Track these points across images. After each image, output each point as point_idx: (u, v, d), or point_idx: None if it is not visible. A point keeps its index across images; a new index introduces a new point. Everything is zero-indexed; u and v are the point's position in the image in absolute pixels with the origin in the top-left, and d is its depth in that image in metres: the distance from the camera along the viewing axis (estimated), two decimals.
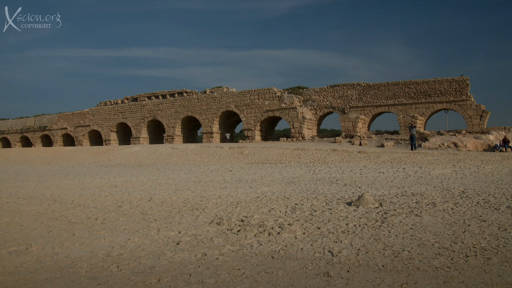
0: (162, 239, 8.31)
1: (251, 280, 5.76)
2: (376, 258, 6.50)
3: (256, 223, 9.20)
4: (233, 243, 7.77)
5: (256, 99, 45.66)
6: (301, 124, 42.21)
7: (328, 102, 43.60)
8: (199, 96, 49.73)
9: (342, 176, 18.32)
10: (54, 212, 11.68)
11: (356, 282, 5.54)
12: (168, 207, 11.80)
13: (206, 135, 48.87)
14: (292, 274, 5.95)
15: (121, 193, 14.87)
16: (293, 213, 10.21)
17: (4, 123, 72.69)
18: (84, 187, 17.17)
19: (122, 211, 11.46)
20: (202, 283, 5.73)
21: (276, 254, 6.92)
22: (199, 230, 8.87)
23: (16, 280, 6.16)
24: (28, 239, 8.70)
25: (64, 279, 6.16)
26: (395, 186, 14.63)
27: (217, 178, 19.13)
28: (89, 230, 9.35)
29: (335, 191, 13.69)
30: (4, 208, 12.58)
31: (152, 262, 6.78)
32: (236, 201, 12.23)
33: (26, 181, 20.30)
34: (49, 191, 15.98)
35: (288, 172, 20.83)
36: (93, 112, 59.82)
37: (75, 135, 61.64)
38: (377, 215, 9.64)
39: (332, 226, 8.71)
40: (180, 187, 16.12)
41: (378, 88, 41.01)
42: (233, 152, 33.54)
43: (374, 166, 22.80)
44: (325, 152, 30.31)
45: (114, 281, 5.95)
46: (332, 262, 6.38)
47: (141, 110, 54.66)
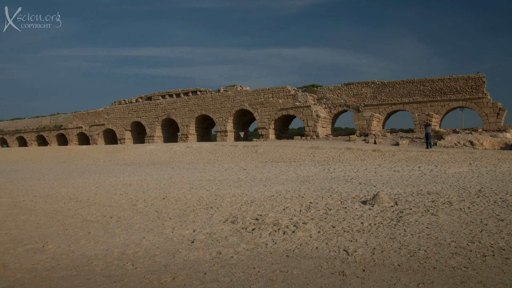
0: (176, 237, 8.32)
1: (266, 279, 5.74)
2: (392, 257, 6.45)
3: (271, 222, 9.18)
4: (247, 241, 7.77)
5: (270, 97, 45.60)
6: (315, 123, 42.07)
7: (342, 100, 43.43)
8: (213, 95, 49.79)
9: (357, 174, 18.23)
10: (70, 210, 11.77)
11: (372, 282, 5.50)
12: (183, 205, 11.82)
13: (220, 133, 48.92)
14: (307, 273, 5.92)
15: (135, 191, 14.94)
16: (307, 212, 10.17)
17: (20, 122, 73.43)
18: (99, 185, 17.27)
19: (137, 209, 11.51)
20: (217, 282, 5.73)
21: (291, 253, 6.90)
22: (214, 229, 8.88)
23: (33, 277, 6.22)
24: (44, 237, 8.78)
25: (80, 276, 6.20)
26: (411, 184, 14.52)
27: (232, 176, 19.13)
28: (104, 228, 9.40)
29: (350, 190, 13.62)
30: (21, 206, 12.70)
31: (167, 261, 6.79)
32: (251, 200, 12.22)
33: (42, 180, 20.48)
34: (64, 190, 16.10)
35: (303, 170, 20.77)
36: (108, 111, 60.19)
37: (90, 134, 62.07)
38: (392, 214, 9.57)
39: (347, 225, 8.67)
40: (194, 185, 16.15)
41: (393, 86, 40.75)
42: (247, 150, 33.55)
43: (389, 164, 22.66)
44: (339, 150, 30.19)
45: (129, 279, 5.97)
46: (348, 261, 6.34)
47: (155, 109, 54.86)
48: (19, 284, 5.96)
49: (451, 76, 38.24)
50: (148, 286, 5.70)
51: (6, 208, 12.37)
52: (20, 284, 5.96)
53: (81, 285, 5.85)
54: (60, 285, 5.86)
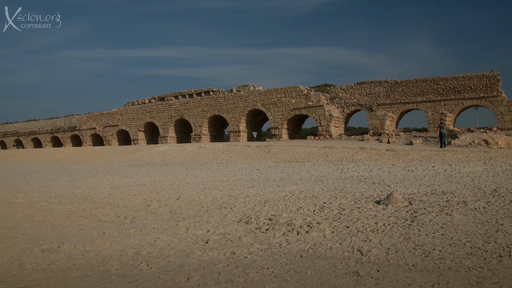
0: (190, 238, 8.36)
1: (280, 279, 5.75)
2: (406, 257, 6.43)
3: (285, 222, 9.18)
4: (261, 242, 7.78)
5: (283, 97, 45.56)
6: (328, 122, 41.96)
7: (355, 99, 43.28)
8: (225, 95, 49.86)
9: (371, 174, 18.16)
10: (85, 211, 11.87)
11: (386, 282, 5.48)
12: (197, 206, 11.87)
13: (233, 134, 48.97)
14: (321, 273, 5.92)
15: (149, 192, 15.02)
16: (321, 212, 10.16)
17: (35, 124, 74.12)
18: (113, 186, 17.39)
19: (151, 210, 11.57)
20: (231, 282, 5.75)
21: (305, 253, 6.90)
22: (228, 229, 8.90)
23: (49, 277, 6.28)
24: (60, 237, 8.86)
25: (95, 277, 6.26)
26: (425, 184, 14.43)
27: (245, 177, 19.16)
28: (118, 228, 9.47)
29: (363, 190, 13.58)
30: (37, 207, 12.83)
31: (181, 261, 6.82)
32: (264, 200, 12.23)
33: (57, 181, 20.66)
34: (79, 190, 16.23)
35: (316, 170, 20.74)
36: (121, 112, 60.51)
37: (103, 135, 62.46)
38: (406, 213, 9.53)
39: (361, 225, 8.65)
40: (208, 186, 16.20)
41: (406, 85, 40.51)
42: (261, 150, 33.56)
43: (402, 164, 22.54)
44: (352, 150, 30.09)
45: (144, 279, 6.01)
46: (362, 261, 6.33)
47: (168, 109, 55.06)
48: (36, 284, 6.03)
49: (465, 74, 37.91)
50: (162, 286, 5.73)
51: (22, 209, 12.51)
52: (36, 284, 6.03)
53: (97, 285, 5.90)
54: (75, 285, 5.91)
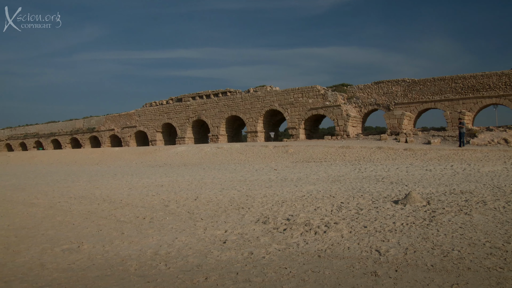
0: (208, 238, 8.40)
1: (298, 279, 5.76)
2: (425, 257, 6.39)
3: (302, 222, 9.19)
4: (279, 242, 7.79)
5: (300, 97, 45.48)
6: (346, 122, 41.79)
7: (372, 99, 43.03)
8: (242, 96, 49.92)
9: (388, 174, 18.07)
10: (104, 211, 11.99)
11: (405, 282, 5.46)
12: (214, 206, 11.92)
13: (251, 134, 49.00)
14: (339, 273, 5.92)
15: (167, 192, 15.11)
16: (339, 212, 10.14)
17: (55, 126, 75.01)
18: (131, 187, 17.53)
19: (169, 210, 11.64)
20: (249, 282, 5.77)
21: (322, 253, 6.90)
22: (245, 229, 8.93)
23: (70, 277, 6.37)
24: (79, 237, 8.97)
25: (114, 276, 6.32)
26: (443, 184, 14.32)
27: (262, 177, 19.18)
28: (137, 229, 9.55)
29: (381, 189, 13.52)
30: (57, 207, 12.99)
31: (199, 261, 6.87)
32: (282, 200, 12.24)
33: (77, 182, 20.89)
34: (98, 191, 16.39)
35: (333, 170, 20.69)
36: (139, 113, 60.93)
37: (122, 136, 62.95)
38: (425, 213, 9.47)
39: (379, 225, 8.61)
40: (225, 186, 16.25)
41: (424, 83, 40.15)
42: (278, 151, 33.55)
43: (420, 163, 22.37)
44: (370, 149, 29.94)
45: (162, 279, 6.06)
46: (380, 261, 6.31)
47: (185, 110, 55.30)
48: (57, 283, 6.12)
49: (483, 72, 37.46)
50: (181, 286, 5.78)
51: (43, 209, 12.68)
52: (57, 283, 6.12)
53: (116, 284, 5.96)
54: (95, 285, 5.99)
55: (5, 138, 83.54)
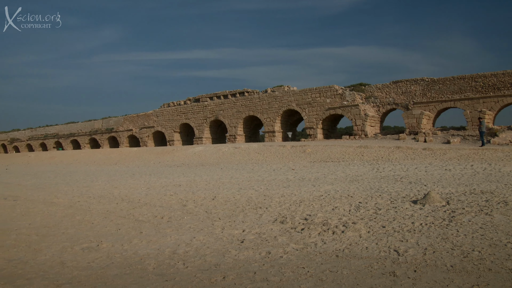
0: (226, 237, 8.42)
1: (316, 279, 5.75)
2: (444, 258, 6.33)
3: (320, 222, 9.16)
4: (297, 241, 7.78)
5: (318, 97, 45.34)
6: (364, 122, 41.56)
7: (390, 98, 42.71)
8: (260, 96, 49.92)
9: (407, 173, 17.93)
10: (122, 210, 12.09)
11: (424, 283, 5.41)
12: (232, 205, 11.94)
13: (268, 134, 48.97)
14: (357, 273, 5.89)
15: (185, 192, 15.18)
16: (357, 212, 10.10)
17: (74, 126, 75.81)
18: (150, 186, 17.64)
19: (187, 210, 11.69)
20: (266, 281, 5.77)
21: (340, 253, 6.87)
22: (263, 229, 8.93)
23: (89, 275, 6.44)
24: (98, 236, 9.06)
25: (133, 275, 6.37)
26: (463, 183, 14.16)
27: (280, 177, 19.16)
28: (155, 228, 9.61)
29: (399, 189, 13.42)
30: (76, 206, 13.13)
31: (217, 260, 6.88)
32: (300, 200, 12.22)
33: (96, 181, 21.09)
34: (117, 191, 16.53)
35: (351, 170, 20.59)
36: (157, 113, 61.26)
37: (140, 136, 63.34)
38: (444, 213, 9.38)
39: (398, 225, 8.55)
40: (243, 186, 16.27)
41: (443, 82, 39.73)
42: (296, 150, 33.50)
43: (440, 163, 22.16)
44: (388, 149, 29.75)
45: (180, 278, 6.09)
46: (398, 262, 6.27)
47: (203, 110, 55.47)
48: (77, 281, 6.19)
49: (505, 70, 36.91)
50: (199, 285, 5.80)
51: (62, 209, 12.83)
52: (77, 281, 6.18)
53: (134, 283, 6.01)
54: (114, 283, 6.04)
55: (26, 139, 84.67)
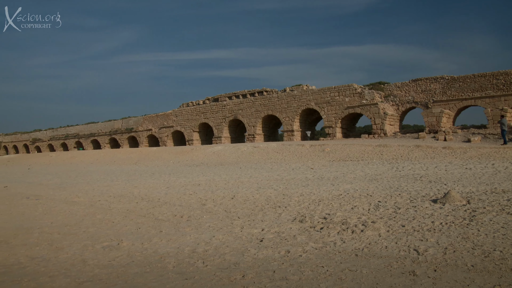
0: (245, 236, 8.45)
1: (335, 278, 5.75)
2: (465, 257, 6.28)
3: (339, 221, 9.15)
4: (316, 240, 7.78)
5: (336, 96, 45.17)
6: (383, 120, 41.29)
7: (410, 97, 42.34)
8: (279, 95, 49.89)
9: (427, 172, 17.78)
10: (142, 209, 12.20)
11: (444, 282, 5.38)
12: (251, 205, 11.97)
13: (287, 133, 48.93)
14: (376, 272, 5.88)
15: (204, 191, 15.25)
16: (376, 211, 10.06)
17: (94, 126, 76.61)
18: (169, 186, 17.76)
19: (206, 209, 11.76)
20: (286, 280, 5.79)
21: (360, 252, 6.86)
22: (282, 228, 8.95)
23: (110, 273, 6.52)
24: (119, 235, 9.16)
25: (153, 273, 6.44)
26: (484, 182, 14.00)
27: (299, 176, 19.15)
28: (175, 227, 9.69)
29: (419, 188, 13.32)
30: (97, 206, 13.29)
31: (236, 259, 6.92)
32: (319, 199, 12.21)
33: (116, 181, 21.29)
34: (136, 190, 16.68)
35: (371, 169, 20.49)
36: (176, 113, 61.58)
37: (159, 136, 63.74)
38: (464, 213, 9.29)
39: (417, 224, 8.50)
40: (262, 185, 16.29)
41: (464, 80, 39.26)
42: (314, 149, 33.42)
43: (460, 162, 21.93)
44: (408, 148, 29.51)
45: (200, 277, 6.14)
46: (418, 261, 6.24)
47: (222, 110, 55.62)
48: (98, 279, 6.27)
49: None
50: (218, 283, 5.84)
51: (83, 208, 12.99)
52: (98, 279, 6.27)
53: (154, 281, 6.07)
54: (135, 281, 6.11)
55: (47, 139, 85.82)
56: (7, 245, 8.68)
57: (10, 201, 15.32)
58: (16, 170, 37.20)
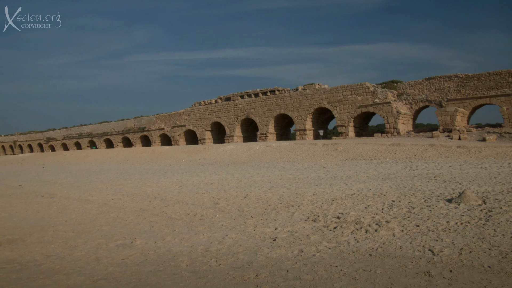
0: (258, 235, 8.43)
1: (349, 278, 5.70)
2: (481, 258, 6.20)
3: (353, 220, 9.09)
4: (329, 240, 7.74)
5: (349, 94, 45.00)
6: (396, 119, 41.06)
7: (423, 95, 42.05)
8: (291, 94, 49.82)
9: (441, 172, 17.63)
10: (155, 208, 12.22)
11: (460, 283, 5.32)
12: (264, 204, 11.95)
13: (299, 132, 48.85)
14: (391, 272, 5.82)
15: (217, 190, 15.26)
16: (390, 210, 9.99)
17: (107, 125, 77.06)
18: (182, 184, 17.79)
19: (219, 207, 11.75)
20: (299, 280, 5.76)
21: (374, 252, 6.81)
22: (295, 227, 8.91)
23: (124, 271, 6.53)
24: (132, 233, 9.19)
25: (166, 272, 6.44)
26: (500, 182, 13.85)
27: (312, 175, 19.09)
28: (188, 226, 9.69)
29: (433, 188, 13.21)
30: (110, 204, 13.34)
31: (249, 258, 6.90)
32: (332, 198, 12.15)
33: (129, 179, 21.38)
34: (149, 189, 16.73)
35: (384, 168, 20.37)
36: (188, 112, 61.75)
37: (171, 135, 63.96)
38: (480, 212, 9.19)
39: (432, 224, 8.42)
40: (274, 184, 16.26)
41: (478, 79, 38.89)
42: (327, 148, 33.32)
43: (475, 161, 21.72)
44: (421, 147, 29.31)
45: (213, 275, 6.13)
46: (433, 261, 6.17)
47: (234, 109, 55.66)
48: (112, 277, 6.29)
49: None
50: (231, 282, 5.82)
51: (97, 206, 13.05)
52: (112, 277, 6.28)
53: (168, 280, 6.07)
54: (148, 279, 6.11)
55: (61, 138, 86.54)
56: (23, 242, 8.75)
57: (25, 199, 15.45)
58: (31, 169, 37.52)
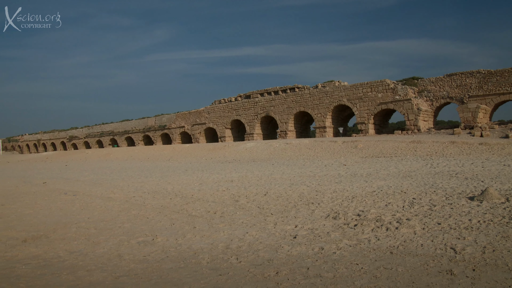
0: (279, 232, 8.45)
1: (370, 276, 5.69)
2: (505, 257, 6.13)
3: (373, 218, 9.06)
4: (350, 237, 7.72)
5: (369, 91, 44.71)
6: (416, 116, 40.69)
7: (444, 92, 41.59)
8: (311, 91, 49.68)
9: (462, 169, 17.44)
10: (176, 206, 12.31)
11: (483, 282, 5.27)
12: (284, 201, 11.96)
13: (319, 129, 48.71)
14: (412, 270, 5.80)
15: (237, 188, 15.31)
16: (411, 208, 9.92)
17: (128, 124, 77.73)
18: (202, 182, 17.88)
19: (239, 205, 11.79)
20: (320, 277, 5.76)
21: (395, 250, 6.78)
22: (316, 224, 8.91)
23: (145, 268, 6.61)
24: (153, 230, 9.27)
25: (187, 269, 6.49)
26: None
27: (332, 172, 19.04)
28: (208, 223, 9.75)
29: (455, 185, 13.08)
30: (132, 202, 13.48)
31: (270, 255, 6.92)
32: (352, 196, 12.11)
33: (150, 177, 21.56)
34: (170, 186, 16.84)
35: (404, 165, 20.22)
36: (209, 110, 61.97)
37: (192, 133, 64.26)
38: (503, 210, 9.08)
39: (454, 222, 8.35)
40: (294, 181, 16.26)
41: (501, 74, 38.31)
42: (347, 146, 33.17)
43: (498, 158, 21.44)
44: (442, 144, 29.00)
45: (234, 273, 6.16)
46: (455, 260, 6.13)
47: (254, 106, 55.70)
48: (133, 274, 6.36)
49: None
50: (252, 280, 5.85)
51: (119, 203, 13.20)
52: (134, 274, 6.36)
53: (189, 276, 6.12)
54: (169, 276, 6.17)
55: (83, 136, 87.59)
56: (47, 239, 8.90)
57: (49, 196, 15.68)
58: (54, 167, 38.04)
